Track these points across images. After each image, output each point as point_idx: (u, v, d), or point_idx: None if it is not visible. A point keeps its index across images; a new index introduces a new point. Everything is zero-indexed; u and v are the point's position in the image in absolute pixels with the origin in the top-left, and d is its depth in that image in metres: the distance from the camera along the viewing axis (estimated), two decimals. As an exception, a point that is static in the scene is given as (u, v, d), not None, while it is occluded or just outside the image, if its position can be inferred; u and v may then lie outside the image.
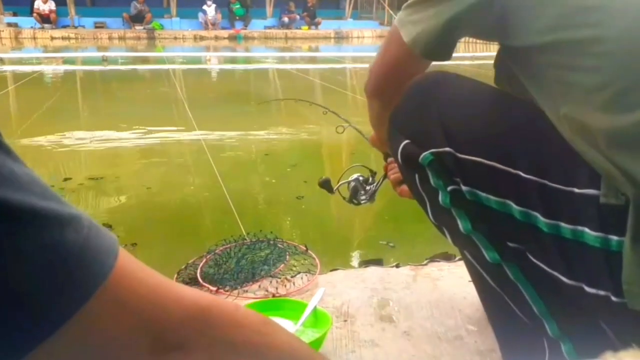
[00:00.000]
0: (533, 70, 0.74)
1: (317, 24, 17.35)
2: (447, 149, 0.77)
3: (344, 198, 1.27)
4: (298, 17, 17.40)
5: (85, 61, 10.40)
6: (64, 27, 15.36)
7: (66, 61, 9.57)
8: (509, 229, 0.75)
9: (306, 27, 17.21)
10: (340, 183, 1.25)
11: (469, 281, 1.31)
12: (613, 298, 0.66)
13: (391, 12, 17.53)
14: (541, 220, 0.70)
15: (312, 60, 11.08)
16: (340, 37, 16.84)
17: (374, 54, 0.98)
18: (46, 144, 3.64)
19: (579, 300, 0.70)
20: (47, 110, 4.61)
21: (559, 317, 0.76)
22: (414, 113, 0.83)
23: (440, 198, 0.80)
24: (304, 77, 7.96)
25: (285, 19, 17.21)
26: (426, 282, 1.33)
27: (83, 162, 3.23)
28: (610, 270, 0.66)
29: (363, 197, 1.25)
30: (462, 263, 1.43)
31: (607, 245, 0.65)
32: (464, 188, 0.77)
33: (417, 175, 0.83)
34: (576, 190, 0.67)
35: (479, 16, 0.75)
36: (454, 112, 0.80)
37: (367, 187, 1.25)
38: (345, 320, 1.15)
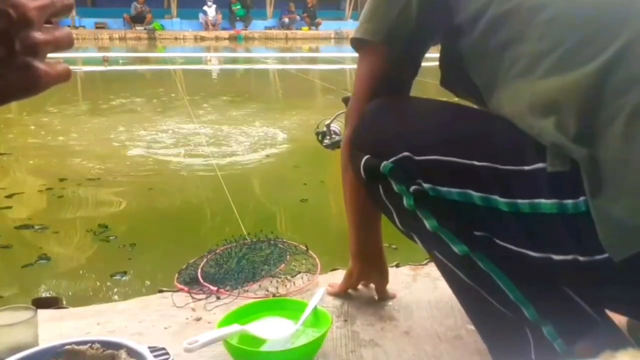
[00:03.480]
0: (478, 52, 0.84)
1: (317, 25, 17.36)
2: (405, 153, 0.82)
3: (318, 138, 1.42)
4: (298, 17, 17.41)
5: (86, 61, 10.41)
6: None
7: (66, 62, 9.56)
8: (473, 217, 0.79)
9: (306, 28, 17.22)
10: (324, 123, 1.40)
11: (469, 281, 1.31)
12: (580, 258, 0.69)
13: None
14: (500, 201, 0.75)
15: (313, 60, 11.08)
16: (340, 38, 16.86)
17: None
18: (46, 144, 3.64)
19: (549, 272, 0.74)
20: (47, 110, 4.61)
21: (534, 300, 0.79)
22: (371, 129, 0.90)
23: (404, 202, 0.84)
24: (304, 78, 7.96)
25: (286, 20, 17.22)
26: (426, 281, 1.33)
27: (82, 162, 3.23)
28: (571, 233, 0.70)
29: (326, 141, 1.39)
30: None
31: (563, 210, 0.70)
32: (425, 186, 0.81)
33: (380, 187, 0.87)
34: (526, 167, 0.73)
35: None
36: (406, 122, 0.88)
37: (335, 137, 1.37)
38: (346, 320, 1.15)
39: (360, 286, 1.26)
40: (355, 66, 1.03)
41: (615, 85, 0.69)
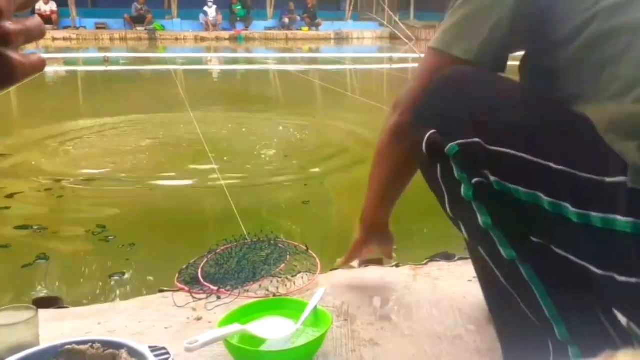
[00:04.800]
0: (574, 66, 0.79)
1: (317, 25, 17.35)
2: (477, 139, 0.77)
3: None
4: (298, 18, 17.40)
5: (87, 62, 10.42)
6: (65, 28, 15.38)
7: (67, 62, 9.58)
8: (535, 221, 0.75)
9: (306, 29, 17.21)
10: None
11: (469, 280, 1.32)
12: None
13: (391, 13, 17.53)
14: (571, 210, 0.70)
15: (313, 61, 11.08)
16: (340, 38, 16.85)
17: (373, 55, 1.00)
18: (46, 144, 3.64)
19: (602, 292, 0.71)
20: (47, 110, 4.61)
21: (567, 320, 0.76)
22: (442, 105, 0.84)
23: (462, 191, 0.80)
24: (304, 78, 7.96)
25: (286, 20, 17.21)
26: (426, 281, 1.33)
27: (81, 162, 3.23)
28: None
29: None
30: (462, 263, 1.44)
31: (638, 230, 0.65)
32: (492, 179, 0.77)
33: (439, 167, 0.83)
34: (607, 179, 0.68)
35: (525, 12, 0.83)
36: (482, 105, 0.81)
37: None
38: (346, 320, 1.15)
39: (360, 286, 1.26)
40: (354, 66, 1.02)
41: None
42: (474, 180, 0.78)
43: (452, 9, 0.91)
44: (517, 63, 0.93)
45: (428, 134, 0.83)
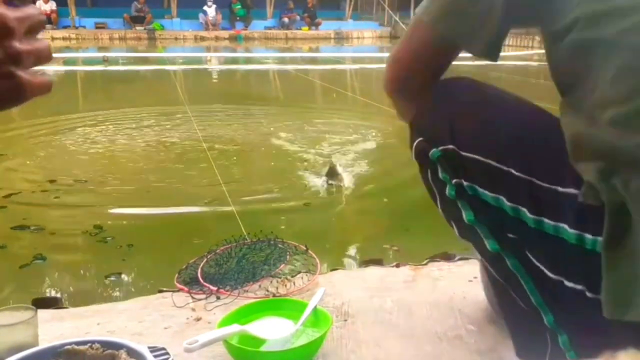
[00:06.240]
0: (565, 64, 0.77)
1: (317, 25, 17.35)
2: (451, 146, 0.83)
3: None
4: (298, 17, 17.39)
5: (86, 62, 10.41)
6: (65, 27, 15.37)
7: (67, 62, 9.57)
8: (504, 222, 0.79)
9: (306, 28, 17.20)
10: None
11: (469, 281, 1.32)
12: (588, 294, 0.70)
13: (391, 12, 17.53)
14: (528, 215, 0.75)
15: (313, 60, 11.08)
16: (340, 38, 16.85)
17: (373, 55, 0.99)
18: (46, 144, 3.64)
19: (563, 293, 0.74)
20: (46, 109, 4.60)
21: (554, 308, 0.79)
22: (427, 115, 0.90)
23: (447, 191, 0.85)
24: (304, 78, 7.96)
25: (286, 20, 17.20)
26: (426, 282, 1.33)
27: (80, 163, 3.23)
28: (584, 266, 0.70)
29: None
30: (462, 263, 1.44)
31: (582, 242, 0.70)
32: (465, 183, 0.82)
33: (429, 170, 0.89)
34: (560, 188, 0.72)
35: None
36: (462, 113, 0.86)
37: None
38: (346, 320, 1.15)
39: (360, 286, 1.25)
40: (354, 66, 1.01)
41: None
42: (453, 181, 0.84)
43: None
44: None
45: (416, 141, 0.89)
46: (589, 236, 0.69)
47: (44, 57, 0.42)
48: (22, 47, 0.40)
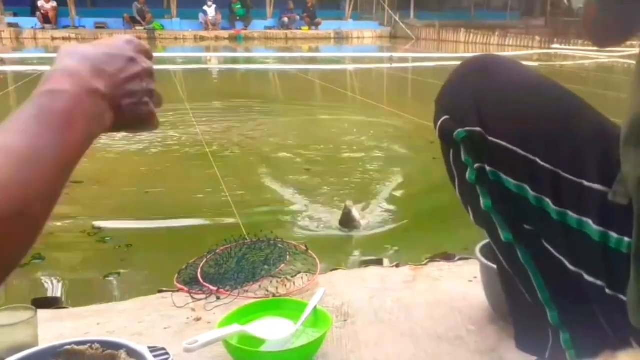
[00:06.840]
0: None
1: (317, 25, 17.34)
2: (478, 129, 0.80)
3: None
4: (298, 17, 17.38)
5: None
6: (65, 27, 15.36)
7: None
8: (525, 211, 0.78)
9: (306, 28, 17.20)
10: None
11: (469, 281, 1.32)
12: (607, 290, 0.69)
13: (391, 12, 17.52)
14: (551, 207, 0.74)
15: (313, 60, 11.08)
16: (340, 38, 16.84)
17: (373, 55, 0.99)
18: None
19: (580, 287, 0.73)
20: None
21: (560, 307, 0.79)
22: (455, 92, 0.87)
23: (467, 174, 0.84)
24: (304, 77, 7.96)
25: (285, 19, 17.19)
26: (426, 281, 1.33)
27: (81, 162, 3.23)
28: (606, 263, 0.69)
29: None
30: (462, 263, 1.44)
31: (606, 240, 0.68)
32: (488, 168, 0.80)
33: (451, 151, 0.87)
34: (585, 182, 0.71)
35: None
36: (490, 95, 0.83)
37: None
38: (346, 320, 1.15)
39: (360, 286, 1.25)
40: (353, 66, 1.01)
41: None
42: (475, 166, 0.82)
43: None
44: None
45: (441, 120, 0.86)
46: (614, 234, 0.68)
47: (159, 100, 0.57)
48: (154, 87, 0.55)
